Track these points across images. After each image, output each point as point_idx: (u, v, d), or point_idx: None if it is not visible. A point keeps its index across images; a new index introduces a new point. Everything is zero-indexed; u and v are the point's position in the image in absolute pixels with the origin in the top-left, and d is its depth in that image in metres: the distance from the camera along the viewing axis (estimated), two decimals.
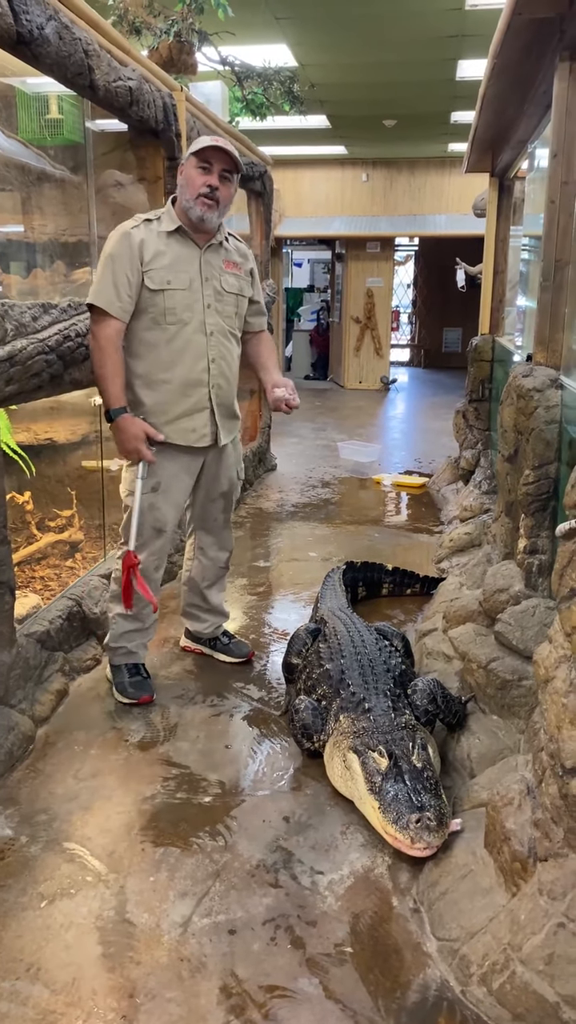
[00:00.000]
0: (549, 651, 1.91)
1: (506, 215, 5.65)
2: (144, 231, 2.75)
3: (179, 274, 2.78)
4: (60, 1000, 1.76)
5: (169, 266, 2.76)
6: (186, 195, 2.74)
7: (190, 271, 2.80)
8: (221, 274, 2.88)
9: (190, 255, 2.81)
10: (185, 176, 2.75)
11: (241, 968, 1.84)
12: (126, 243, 2.71)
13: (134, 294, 2.73)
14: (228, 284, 2.91)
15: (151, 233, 2.76)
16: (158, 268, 2.75)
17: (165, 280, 2.75)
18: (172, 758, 2.67)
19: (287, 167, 11.51)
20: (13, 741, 2.59)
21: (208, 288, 2.84)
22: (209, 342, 2.86)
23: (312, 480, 6.65)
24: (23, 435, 4.11)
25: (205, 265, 2.84)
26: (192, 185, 2.72)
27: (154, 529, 2.93)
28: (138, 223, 2.77)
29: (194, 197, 2.72)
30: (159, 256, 2.75)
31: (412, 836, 2.05)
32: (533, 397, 2.84)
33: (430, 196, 12.31)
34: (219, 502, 3.18)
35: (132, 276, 2.71)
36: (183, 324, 2.81)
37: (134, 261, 2.71)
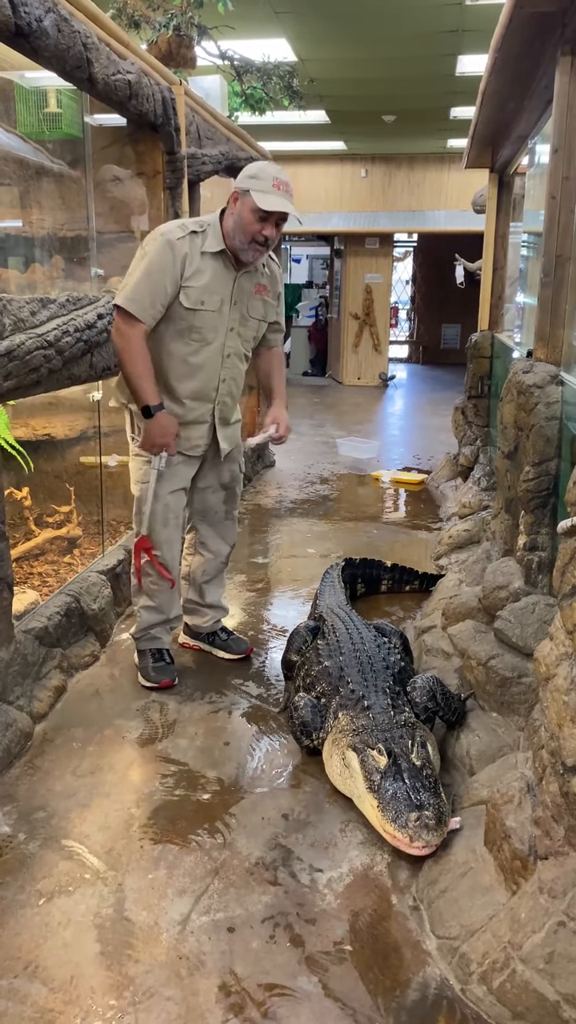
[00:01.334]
0: (550, 648, 1.90)
1: (506, 211, 5.64)
2: (188, 244, 2.73)
3: (213, 295, 2.79)
4: (58, 998, 1.75)
5: (205, 287, 2.76)
6: (240, 236, 2.73)
7: (223, 293, 2.82)
8: (250, 299, 2.91)
9: (226, 277, 2.82)
10: (240, 215, 2.71)
11: (240, 966, 1.84)
12: (169, 254, 2.69)
13: (167, 304, 2.73)
14: (254, 310, 2.94)
15: (195, 248, 2.74)
16: (195, 287, 2.75)
17: (199, 300, 2.76)
18: (171, 755, 2.66)
19: (286, 162, 11.44)
20: (11, 738, 2.58)
21: (235, 312, 2.87)
22: (224, 363, 2.91)
23: (311, 476, 6.64)
24: (21, 430, 4.09)
25: (237, 289, 2.86)
26: (247, 230, 2.70)
27: (162, 518, 2.99)
28: (184, 234, 2.73)
29: (248, 241, 2.72)
30: (198, 275, 2.75)
31: (411, 835, 2.04)
32: (533, 393, 2.84)
33: (429, 192, 12.28)
34: (220, 493, 3.19)
35: (170, 288, 2.71)
36: (206, 343, 2.84)
37: (175, 274, 2.70)
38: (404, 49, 7.00)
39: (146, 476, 2.93)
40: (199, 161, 4.54)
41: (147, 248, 2.73)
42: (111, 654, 3.36)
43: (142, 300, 2.67)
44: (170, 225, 2.77)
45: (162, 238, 2.71)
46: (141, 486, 2.97)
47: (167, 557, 3.04)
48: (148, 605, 3.10)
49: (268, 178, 2.67)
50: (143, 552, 2.99)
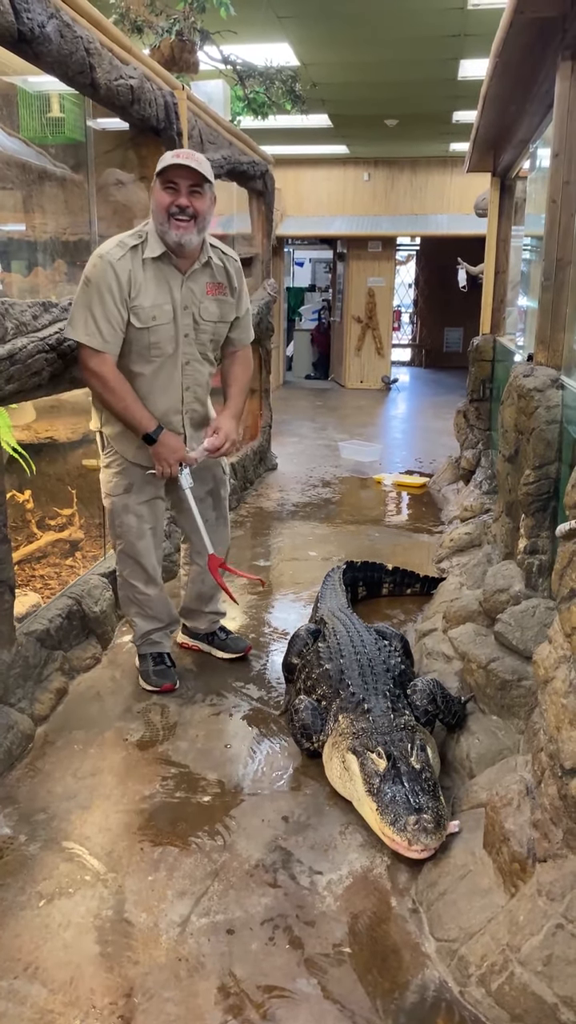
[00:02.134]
0: (549, 651, 1.91)
1: (507, 215, 5.64)
2: (129, 260, 2.66)
3: (163, 308, 2.73)
4: (58, 999, 1.75)
5: (153, 303, 2.70)
6: (158, 217, 2.64)
7: (172, 301, 2.76)
8: (201, 301, 2.83)
9: (172, 283, 2.75)
10: (154, 199, 2.64)
11: (239, 968, 1.84)
12: (113, 276, 2.62)
13: (123, 329, 2.68)
14: (208, 312, 2.86)
15: (137, 263, 2.67)
16: (144, 305, 2.69)
17: (151, 317, 2.71)
18: (171, 757, 2.67)
19: (288, 166, 11.49)
20: (12, 740, 2.59)
21: (187, 317, 2.80)
22: (184, 371, 2.87)
23: (313, 479, 6.65)
24: (23, 433, 4.10)
25: (186, 292, 2.79)
26: (161, 205, 2.62)
27: (136, 530, 2.98)
28: (124, 252, 2.65)
29: (165, 219, 2.63)
30: (144, 292, 2.68)
31: (409, 838, 2.05)
32: (534, 397, 2.84)
33: (431, 196, 12.30)
34: (207, 500, 3.18)
35: (122, 311, 2.65)
36: (166, 355, 2.81)
37: (123, 295, 2.64)
38: (406, 53, 7.01)
39: (115, 489, 2.93)
40: None
41: (89, 275, 2.65)
42: (112, 656, 3.37)
43: (100, 332, 2.62)
44: (107, 245, 2.69)
45: (102, 261, 2.63)
46: (112, 499, 2.96)
47: (147, 566, 3.03)
48: (141, 614, 3.11)
49: (169, 156, 2.62)
50: (220, 569, 3.06)
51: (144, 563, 3.01)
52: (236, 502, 5.69)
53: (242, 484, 5.97)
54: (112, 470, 2.95)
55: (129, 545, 2.99)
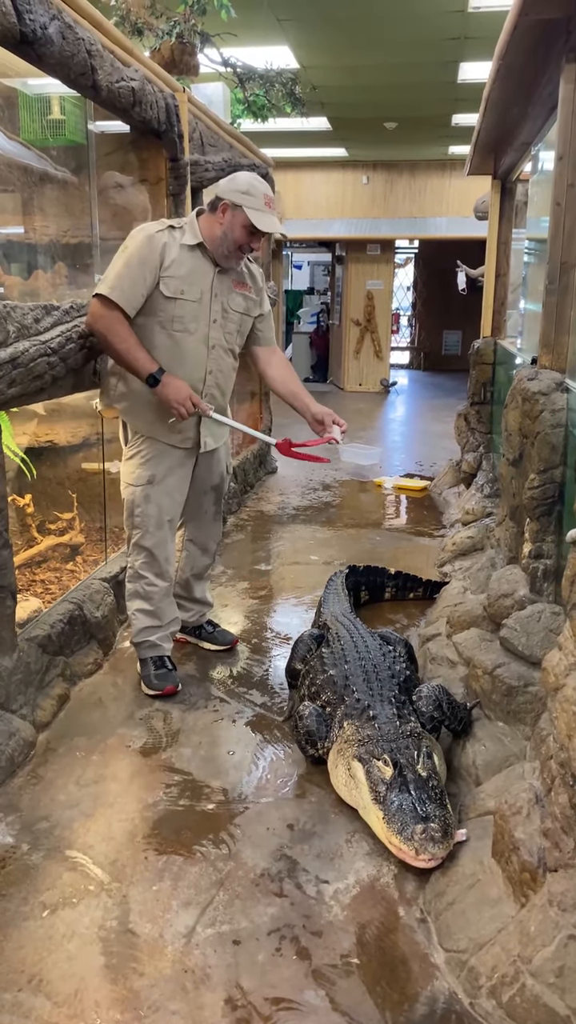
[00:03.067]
0: (559, 658, 1.89)
1: (508, 218, 5.64)
2: (168, 236, 2.81)
3: (192, 286, 2.85)
4: (62, 1013, 1.73)
5: (184, 277, 2.83)
6: (227, 245, 2.82)
7: (202, 285, 2.88)
8: (230, 293, 2.96)
9: (205, 271, 2.88)
10: (231, 227, 2.79)
11: (246, 979, 1.82)
12: (149, 245, 2.77)
13: (147, 294, 2.79)
14: (235, 304, 2.99)
15: (173, 241, 2.82)
16: (174, 276, 2.81)
17: (179, 290, 2.82)
18: (174, 764, 2.64)
19: (288, 169, 11.49)
20: (14, 747, 2.56)
21: (216, 304, 2.92)
22: (210, 355, 2.96)
23: (313, 483, 6.63)
24: (23, 438, 4.08)
25: (217, 282, 2.91)
26: (237, 241, 2.81)
27: (156, 520, 3.01)
28: (163, 227, 2.83)
29: (233, 251, 2.83)
30: (177, 265, 2.81)
31: (416, 847, 2.02)
32: (538, 401, 2.82)
33: (430, 199, 12.30)
34: (210, 495, 3.26)
35: (149, 277, 2.77)
36: (188, 334, 2.89)
37: (155, 263, 2.77)
38: (406, 56, 7.01)
39: (139, 479, 2.97)
40: (202, 168, 4.54)
41: (128, 244, 2.81)
42: (114, 662, 3.34)
43: (122, 288, 2.73)
44: (148, 224, 2.88)
45: (141, 233, 2.81)
46: (133, 488, 2.99)
47: (160, 558, 3.05)
48: (143, 609, 3.10)
49: (260, 195, 2.77)
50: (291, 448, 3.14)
51: (158, 555, 3.04)
52: (236, 505, 5.67)
53: (242, 487, 5.95)
54: (136, 461, 2.99)
55: (147, 535, 3.01)
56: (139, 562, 3.06)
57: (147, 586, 3.08)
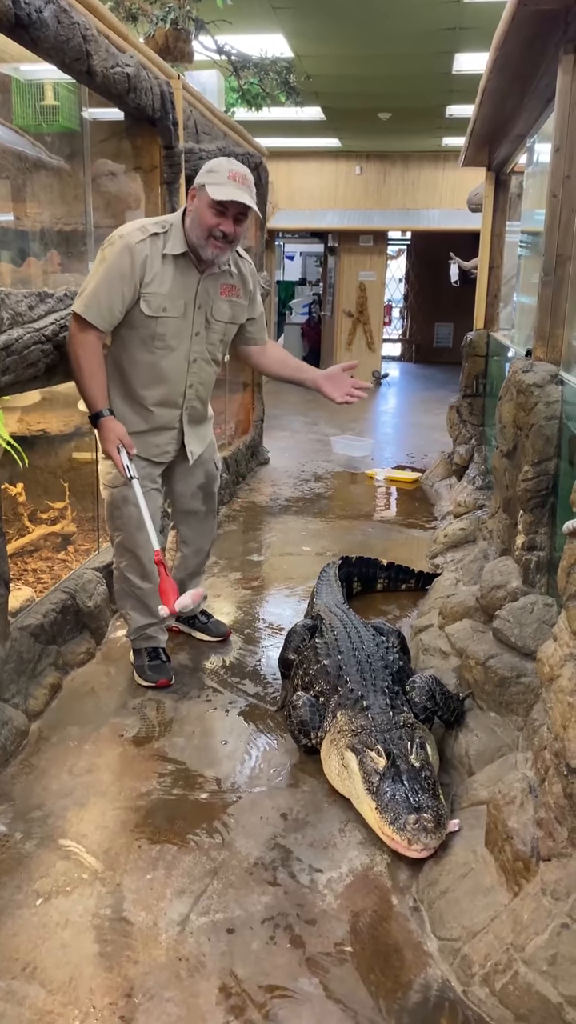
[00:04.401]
0: (554, 649, 1.89)
1: (502, 210, 5.64)
2: (149, 247, 2.65)
3: (176, 301, 2.72)
4: (57, 1000, 1.73)
5: (167, 293, 2.69)
6: (197, 231, 2.63)
7: (186, 297, 2.75)
8: (215, 301, 2.83)
9: (189, 281, 2.74)
10: (197, 210, 2.61)
11: (240, 967, 1.82)
12: (128, 259, 2.61)
13: (125, 311, 2.67)
14: (220, 312, 2.86)
15: (155, 251, 2.66)
16: (156, 293, 2.68)
17: (161, 307, 2.70)
18: (168, 754, 2.64)
19: (281, 159, 11.45)
20: (6, 736, 2.56)
21: (200, 316, 2.80)
22: (191, 368, 2.87)
23: (305, 474, 6.63)
24: (15, 426, 4.06)
25: (202, 292, 2.78)
26: (204, 224, 2.61)
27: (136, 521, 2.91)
28: (144, 237, 2.65)
29: (205, 237, 2.63)
30: (159, 280, 2.67)
31: (409, 837, 2.03)
32: (533, 393, 2.83)
33: (424, 190, 12.29)
34: (198, 495, 3.19)
35: (128, 294, 2.64)
36: (170, 350, 2.79)
37: (134, 279, 2.63)
38: (401, 46, 6.99)
39: (115, 480, 2.87)
40: (196, 156, 4.51)
41: (106, 252, 2.64)
42: (107, 651, 3.34)
43: (99, 307, 2.62)
44: (130, 227, 2.67)
45: (121, 242, 2.63)
46: (111, 490, 2.92)
47: (143, 559, 2.97)
48: (135, 607, 3.09)
49: (223, 170, 2.58)
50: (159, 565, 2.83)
51: (142, 556, 2.97)
52: (228, 496, 5.66)
53: (234, 478, 5.95)
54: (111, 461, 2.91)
55: (128, 537, 2.95)
56: (124, 563, 3.03)
57: (135, 588, 3.05)
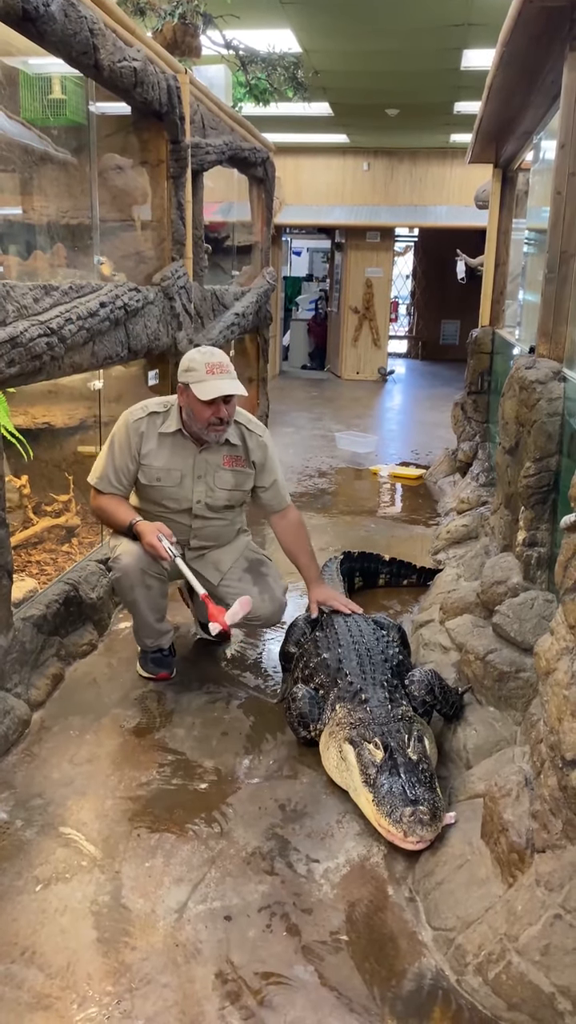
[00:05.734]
0: (551, 643, 1.91)
1: (509, 207, 5.63)
2: (147, 424, 2.91)
3: (171, 472, 2.93)
4: (55, 984, 1.75)
5: (161, 466, 2.92)
6: (195, 424, 2.85)
7: (183, 469, 2.94)
8: (217, 471, 2.98)
9: (185, 455, 2.93)
10: (189, 407, 2.83)
11: (236, 954, 1.84)
12: (125, 434, 2.90)
13: (131, 478, 2.94)
14: (222, 481, 3.00)
15: (152, 429, 2.91)
16: (151, 466, 2.92)
17: (155, 478, 2.93)
18: (168, 744, 2.66)
19: (288, 155, 11.43)
20: (8, 725, 2.58)
21: (200, 485, 2.97)
22: (193, 524, 3.02)
23: (309, 470, 6.64)
24: (20, 418, 4.08)
25: (200, 463, 2.95)
26: (200, 418, 2.82)
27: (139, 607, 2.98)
28: (144, 415, 2.91)
29: (205, 427, 2.84)
30: (154, 454, 2.91)
31: (405, 829, 2.04)
32: (536, 389, 2.84)
33: (431, 187, 12.26)
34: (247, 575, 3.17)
35: (130, 465, 2.91)
36: (171, 511, 2.99)
37: (132, 452, 2.90)
38: (410, 42, 6.97)
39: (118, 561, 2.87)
40: (203, 151, 4.53)
41: (114, 430, 2.95)
42: (109, 643, 3.36)
43: (108, 478, 2.91)
44: (134, 407, 2.96)
45: (122, 420, 2.93)
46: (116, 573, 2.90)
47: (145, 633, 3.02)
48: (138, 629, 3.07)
49: (200, 367, 2.77)
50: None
51: (143, 633, 3.04)
52: None
53: None
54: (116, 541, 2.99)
55: (134, 616, 3.03)
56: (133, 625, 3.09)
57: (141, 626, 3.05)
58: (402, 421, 9.47)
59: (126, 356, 3.57)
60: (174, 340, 4.14)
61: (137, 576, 2.86)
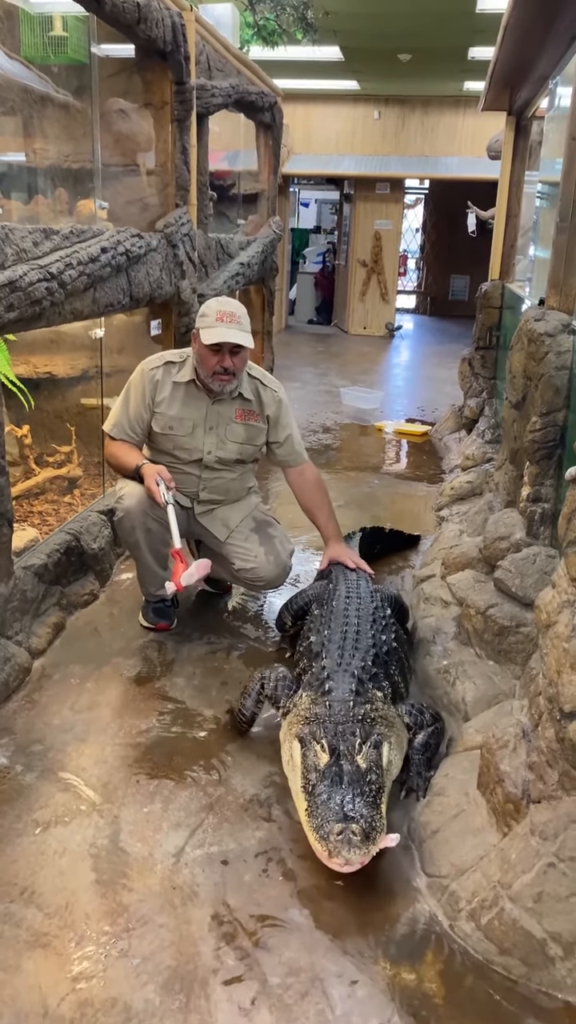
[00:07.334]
0: (552, 596, 1.89)
1: (522, 157, 5.49)
2: (162, 374, 2.93)
3: (183, 422, 2.94)
4: (53, 923, 1.78)
5: (174, 415, 2.93)
6: (202, 371, 2.86)
7: (195, 419, 2.94)
8: (228, 424, 2.98)
9: (198, 405, 2.94)
10: (199, 353, 2.85)
11: (233, 898, 1.87)
12: (141, 382, 2.92)
13: (145, 427, 2.95)
14: (234, 434, 3.00)
15: (168, 378, 2.93)
16: (164, 413, 2.93)
17: (168, 426, 2.94)
18: (168, 693, 2.68)
19: (297, 102, 11.15)
20: (9, 672, 2.59)
21: (212, 436, 2.97)
22: (203, 475, 3.02)
23: (313, 425, 6.59)
24: (22, 368, 4.03)
25: (212, 414, 2.95)
26: (206, 364, 2.83)
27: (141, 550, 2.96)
28: (160, 364, 2.94)
29: (210, 375, 2.84)
30: (167, 403, 2.92)
31: (331, 849, 1.77)
32: (544, 342, 2.78)
33: (443, 137, 11.97)
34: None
35: (144, 413, 2.92)
36: (181, 461, 2.99)
37: (146, 399, 2.91)
38: None
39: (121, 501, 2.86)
40: (208, 93, 4.41)
41: (130, 378, 2.97)
42: (111, 593, 3.36)
43: (121, 425, 2.93)
44: (151, 357, 2.99)
45: (139, 368, 2.96)
46: (119, 514, 2.89)
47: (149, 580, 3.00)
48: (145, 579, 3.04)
49: (212, 313, 2.79)
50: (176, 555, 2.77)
51: (147, 579, 3.01)
52: None
53: None
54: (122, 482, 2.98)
55: (137, 562, 3.01)
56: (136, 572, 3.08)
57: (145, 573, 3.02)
58: (409, 377, 9.37)
59: (128, 304, 3.51)
60: (177, 289, 4.07)
61: (139, 518, 2.85)
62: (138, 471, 2.84)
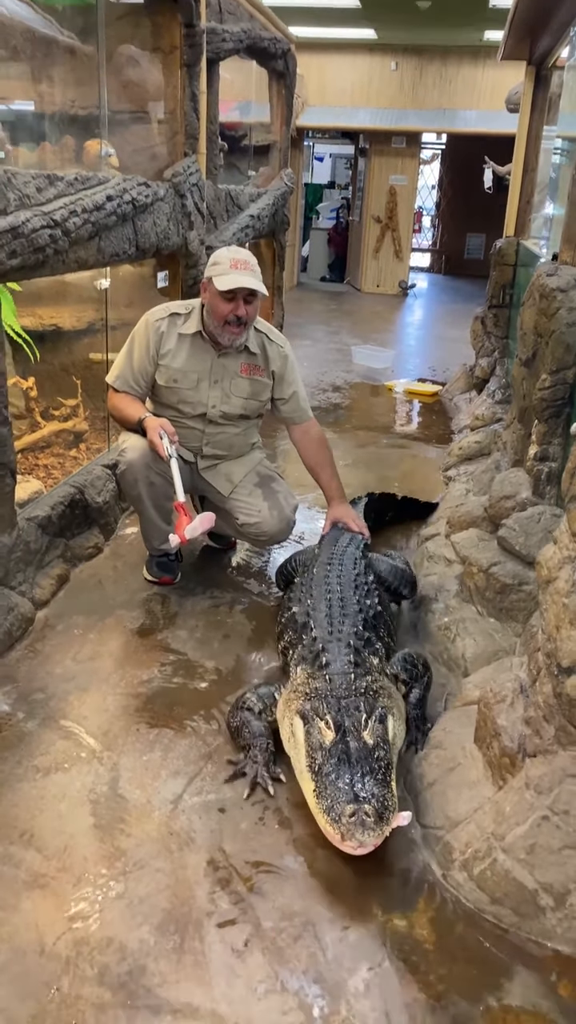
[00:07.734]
0: (553, 552, 1.88)
1: (541, 108, 5.34)
2: (167, 325, 2.89)
3: (187, 374, 2.91)
4: (52, 865, 1.81)
5: (178, 367, 2.90)
6: (213, 320, 2.81)
7: (200, 372, 2.91)
8: (233, 378, 2.95)
9: (203, 358, 2.91)
10: (210, 302, 2.80)
11: (229, 844, 1.89)
12: (146, 333, 2.88)
13: (148, 380, 2.92)
14: (238, 389, 2.97)
15: (173, 330, 2.89)
16: (168, 366, 2.90)
17: (172, 379, 2.91)
18: (170, 645, 2.69)
19: (312, 51, 10.86)
20: (12, 621, 2.61)
21: (216, 390, 2.94)
22: (207, 429, 3.00)
23: (323, 384, 6.53)
24: (28, 319, 4.00)
25: (218, 368, 2.92)
26: (217, 312, 2.78)
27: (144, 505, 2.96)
28: (165, 316, 2.89)
29: (221, 324, 2.80)
30: (172, 355, 2.89)
31: (343, 832, 1.72)
32: (556, 297, 2.73)
33: (462, 89, 11.65)
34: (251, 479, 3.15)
35: (148, 366, 2.90)
36: (184, 415, 2.97)
37: (151, 351, 2.88)
38: None
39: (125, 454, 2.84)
40: (219, 37, 4.29)
41: (134, 329, 2.93)
42: (115, 547, 3.37)
43: (124, 376, 2.90)
44: (156, 308, 2.95)
45: (144, 320, 2.92)
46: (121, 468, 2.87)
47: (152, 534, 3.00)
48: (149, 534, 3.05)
49: (225, 261, 2.75)
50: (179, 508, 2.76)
51: (151, 533, 3.02)
52: None
53: None
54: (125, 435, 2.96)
55: (140, 517, 3.01)
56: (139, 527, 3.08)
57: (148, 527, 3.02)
58: (421, 336, 9.27)
59: (134, 254, 3.46)
60: (185, 240, 4.01)
61: (142, 471, 2.84)
62: (141, 424, 2.81)
